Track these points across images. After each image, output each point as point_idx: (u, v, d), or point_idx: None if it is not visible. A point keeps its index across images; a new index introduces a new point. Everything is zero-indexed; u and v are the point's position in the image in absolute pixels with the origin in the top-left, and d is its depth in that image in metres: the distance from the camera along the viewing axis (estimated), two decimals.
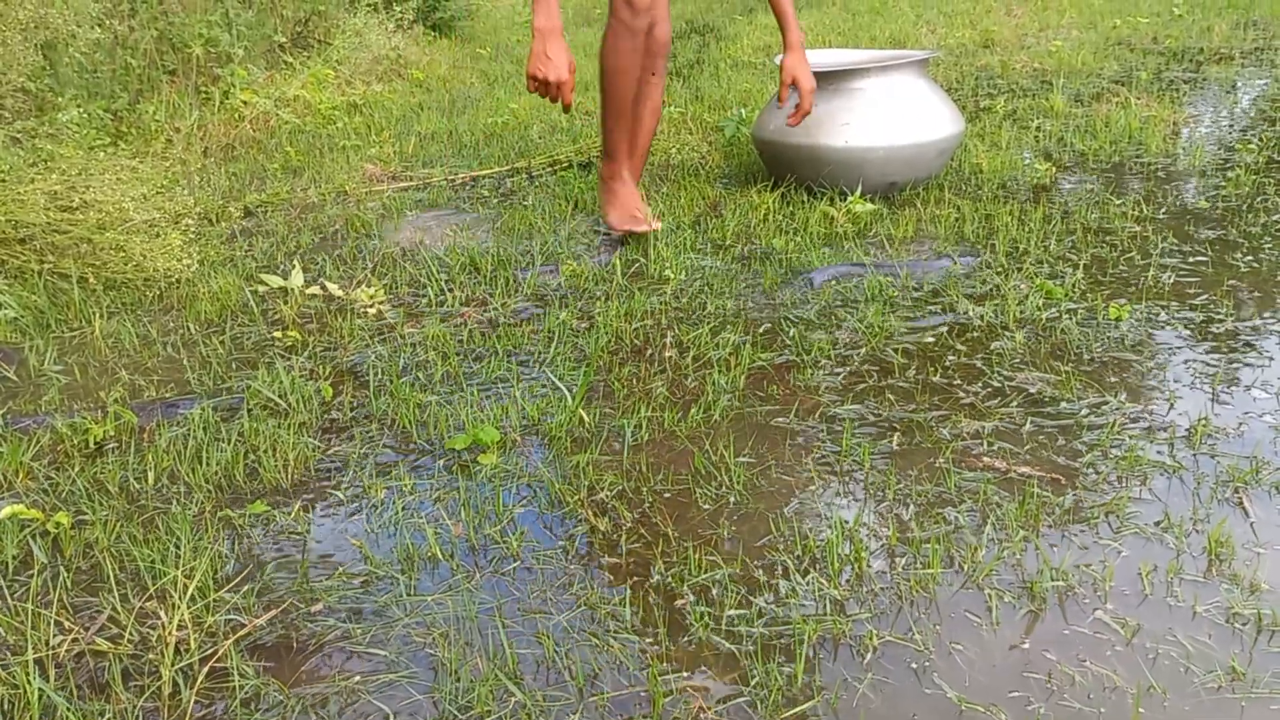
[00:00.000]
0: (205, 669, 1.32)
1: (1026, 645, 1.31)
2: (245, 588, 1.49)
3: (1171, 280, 2.39)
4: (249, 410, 1.98)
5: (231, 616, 1.43)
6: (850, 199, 2.88)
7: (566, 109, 2.54)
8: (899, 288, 2.41)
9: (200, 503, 1.71)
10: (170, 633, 1.36)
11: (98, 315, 2.45)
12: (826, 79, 3.00)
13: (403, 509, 1.67)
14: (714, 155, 3.69)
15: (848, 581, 1.44)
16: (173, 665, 1.32)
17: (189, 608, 1.42)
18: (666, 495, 1.68)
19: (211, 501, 1.72)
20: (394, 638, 1.38)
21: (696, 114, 4.29)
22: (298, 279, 2.52)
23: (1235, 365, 1.98)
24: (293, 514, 1.67)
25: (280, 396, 2.01)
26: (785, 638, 1.34)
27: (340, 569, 1.53)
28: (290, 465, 1.81)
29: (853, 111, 2.96)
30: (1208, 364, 2.00)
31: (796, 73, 2.81)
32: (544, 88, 2.46)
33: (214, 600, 1.45)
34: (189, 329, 2.40)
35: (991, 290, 2.37)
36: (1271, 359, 2.00)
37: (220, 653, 1.35)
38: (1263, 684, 1.22)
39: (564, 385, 2.01)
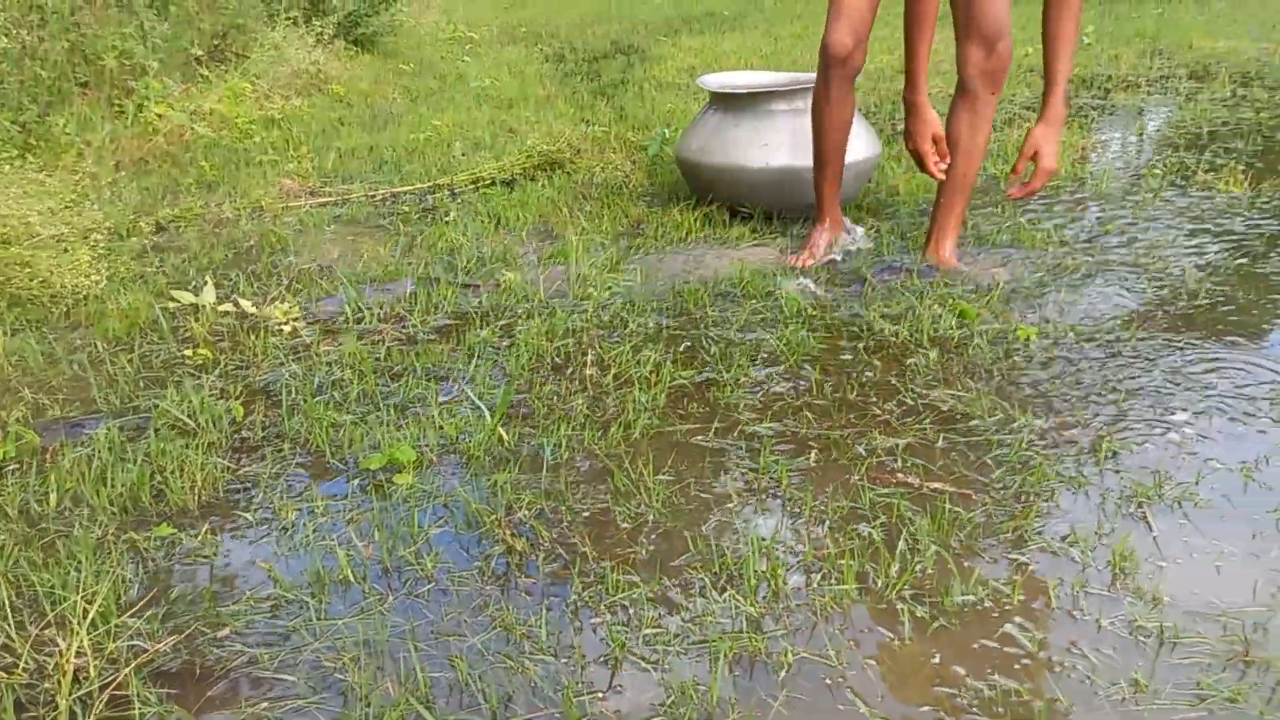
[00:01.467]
0: (105, 696, 1.28)
1: (937, 659, 1.32)
2: (149, 613, 1.44)
3: (1080, 301, 2.45)
4: (156, 430, 1.92)
5: (134, 642, 1.38)
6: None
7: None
8: (817, 307, 2.44)
9: (104, 525, 1.66)
10: (68, 660, 1.31)
11: (0, 332, 2.37)
12: (746, 100, 3.03)
13: (314, 531, 1.63)
14: (637, 174, 3.70)
15: (764, 598, 1.45)
16: (70, 694, 1.27)
17: (89, 634, 1.37)
18: (585, 514, 1.67)
19: (115, 524, 1.66)
20: (303, 663, 1.35)
21: (620, 133, 4.31)
22: (209, 296, 2.47)
23: (1139, 384, 2.04)
24: (200, 536, 1.63)
25: (189, 416, 1.96)
26: (702, 656, 1.34)
27: (248, 593, 1.49)
28: (198, 486, 1.76)
29: (774, 132, 3.00)
30: (1113, 383, 2.05)
31: (1041, 147, 2.54)
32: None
33: (116, 626, 1.41)
34: (96, 347, 2.33)
35: (907, 310, 2.41)
36: (1176, 379, 2.06)
37: (121, 680, 1.30)
38: (1164, 695, 1.25)
39: (483, 404, 1.99)
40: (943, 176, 2.63)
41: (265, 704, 1.28)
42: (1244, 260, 2.70)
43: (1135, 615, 1.39)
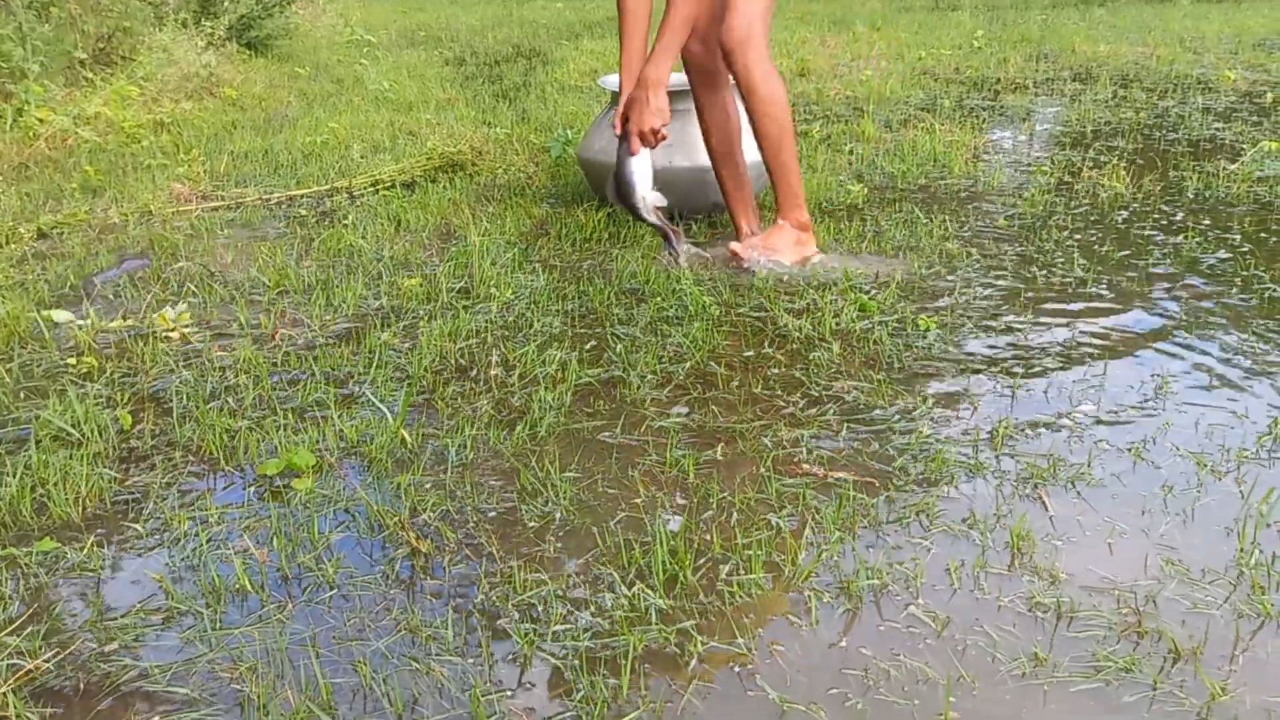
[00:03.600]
0: None
1: (844, 643, 1.33)
2: (30, 629, 1.37)
3: (975, 293, 2.51)
4: (37, 442, 1.83)
5: (14, 660, 1.31)
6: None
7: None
8: (721, 304, 2.45)
9: None
10: None
11: None
12: None
13: (208, 540, 1.57)
14: (540, 176, 3.68)
15: (673, 591, 1.44)
16: None
17: None
18: (491, 514, 1.64)
19: None
20: (197, 674, 1.29)
21: (523, 135, 4.28)
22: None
23: (1034, 371, 2.10)
24: (85, 550, 1.55)
25: (73, 426, 1.87)
26: (611, 650, 1.33)
27: (138, 606, 1.43)
28: (83, 498, 1.68)
29: (675, 133, 3.00)
30: (1009, 370, 2.10)
31: (630, 107, 2.60)
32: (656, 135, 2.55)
33: None
34: None
35: (809, 304, 2.44)
36: (1066, 365, 2.12)
37: None
38: (1063, 668, 1.28)
39: (385, 406, 1.95)
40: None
41: (157, 718, 1.22)
42: (1127, 252, 2.80)
43: (1034, 592, 1.42)
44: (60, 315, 2.36)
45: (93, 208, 3.29)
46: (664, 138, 2.60)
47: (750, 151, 2.87)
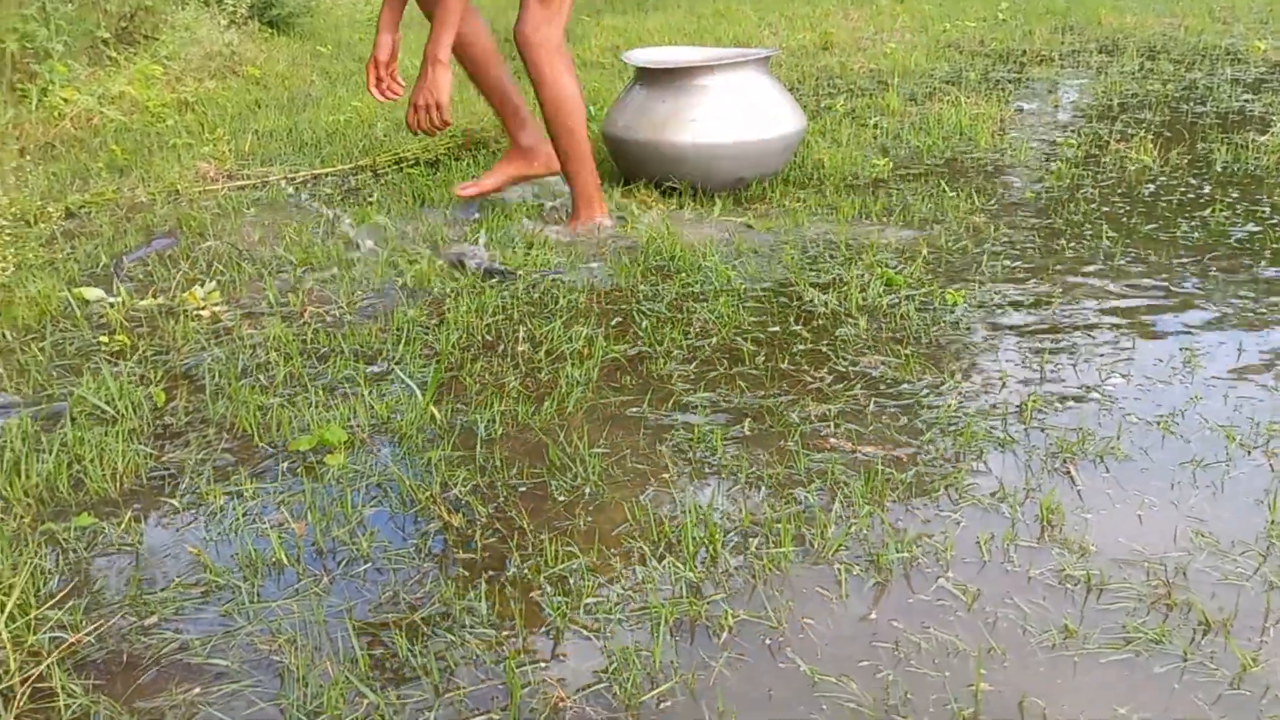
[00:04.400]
0: (26, 690, 1.23)
1: (874, 616, 1.34)
2: (71, 604, 1.40)
3: (1003, 266, 2.50)
4: (73, 418, 1.86)
5: (56, 634, 1.33)
6: None
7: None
8: (746, 280, 2.45)
9: (19, 517, 1.60)
10: None
11: None
12: (673, 76, 3.03)
13: (244, 514, 1.59)
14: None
15: (703, 564, 1.45)
16: None
17: (7, 627, 1.32)
18: (521, 489, 1.66)
19: (31, 515, 1.61)
20: (236, 647, 1.32)
21: None
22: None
23: (1062, 344, 2.09)
24: (123, 525, 1.58)
25: (107, 403, 1.90)
26: (642, 623, 1.34)
27: (176, 579, 1.45)
28: (119, 474, 1.71)
29: (699, 108, 3.00)
30: (1037, 344, 2.10)
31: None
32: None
33: (36, 618, 1.36)
34: (5, 336, 2.25)
35: (835, 279, 2.44)
36: (1094, 337, 2.12)
37: (44, 672, 1.26)
38: (1093, 640, 1.29)
39: (414, 382, 1.96)
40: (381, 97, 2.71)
41: (198, 689, 1.25)
42: (1155, 225, 2.78)
43: (1063, 565, 1.42)
44: (91, 293, 2.39)
45: (120, 187, 3.31)
46: (447, 121, 2.58)
47: (773, 128, 2.88)
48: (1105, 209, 2.93)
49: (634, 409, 1.89)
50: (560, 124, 2.78)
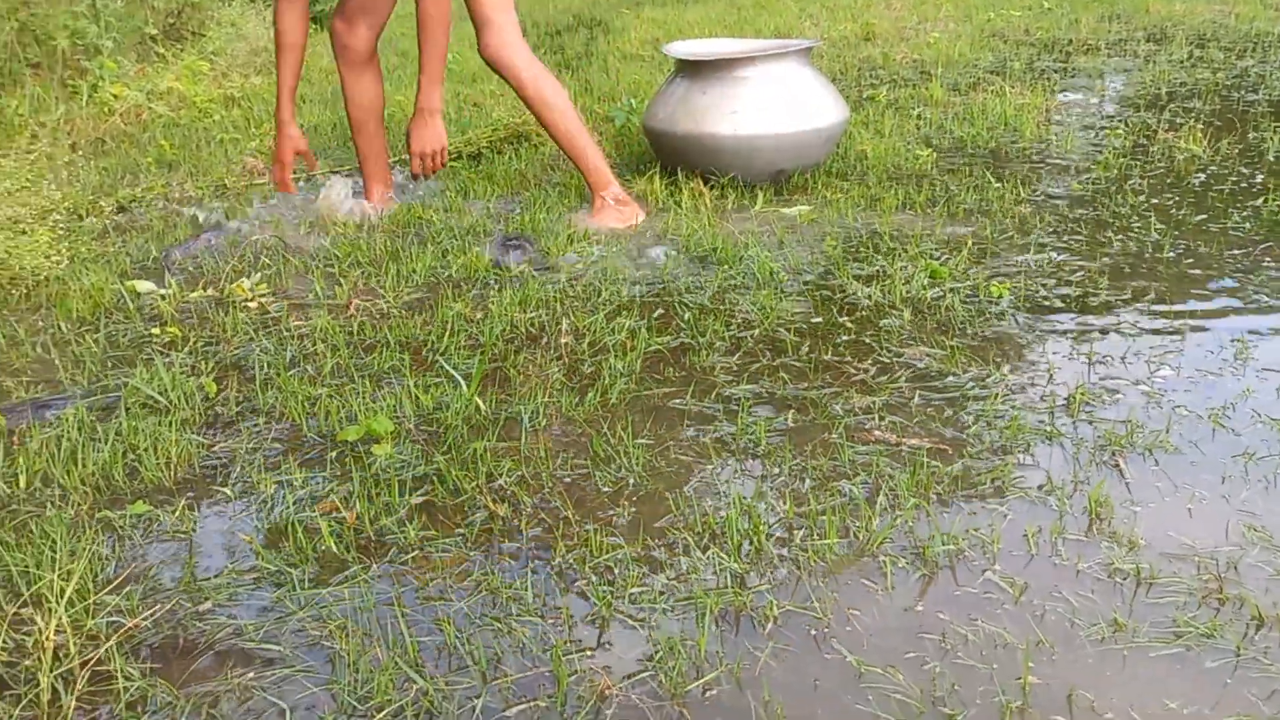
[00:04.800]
0: (86, 673, 1.26)
1: (920, 608, 1.34)
2: (127, 589, 1.43)
3: (1049, 258, 2.48)
4: (127, 409, 1.90)
5: (114, 619, 1.37)
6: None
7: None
8: (788, 270, 2.45)
9: (76, 505, 1.64)
10: (48, 638, 1.30)
11: None
12: (714, 68, 3.02)
13: (294, 503, 1.62)
14: (604, 145, 3.68)
15: (747, 555, 1.46)
16: (51, 671, 1.26)
17: (67, 611, 1.35)
18: (566, 479, 1.67)
19: (88, 503, 1.64)
20: (288, 632, 1.34)
21: (586, 105, 4.28)
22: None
23: (1109, 337, 2.07)
24: (177, 513, 1.61)
25: (160, 393, 1.93)
26: (687, 612, 1.35)
27: (229, 566, 1.48)
28: (173, 463, 1.74)
29: (740, 99, 2.99)
30: (1084, 336, 2.08)
31: (411, 133, 2.77)
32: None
33: (94, 603, 1.39)
34: (60, 328, 2.29)
35: (879, 271, 2.43)
36: (1142, 330, 2.09)
37: (102, 656, 1.29)
38: (1143, 634, 1.28)
39: (458, 374, 1.98)
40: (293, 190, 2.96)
41: (251, 674, 1.27)
42: (1205, 216, 2.73)
43: (1112, 558, 1.41)
44: (143, 286, 2.43)
45: (169, 181, 3.36)
46: (443, 162, 2.79)
47: (814, 119, 2.87)
48: (1154, 200, 2.89)
49: (677, 400, 1.89)
50: (554, 110, 2.86)
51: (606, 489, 1.63)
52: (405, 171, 3.21)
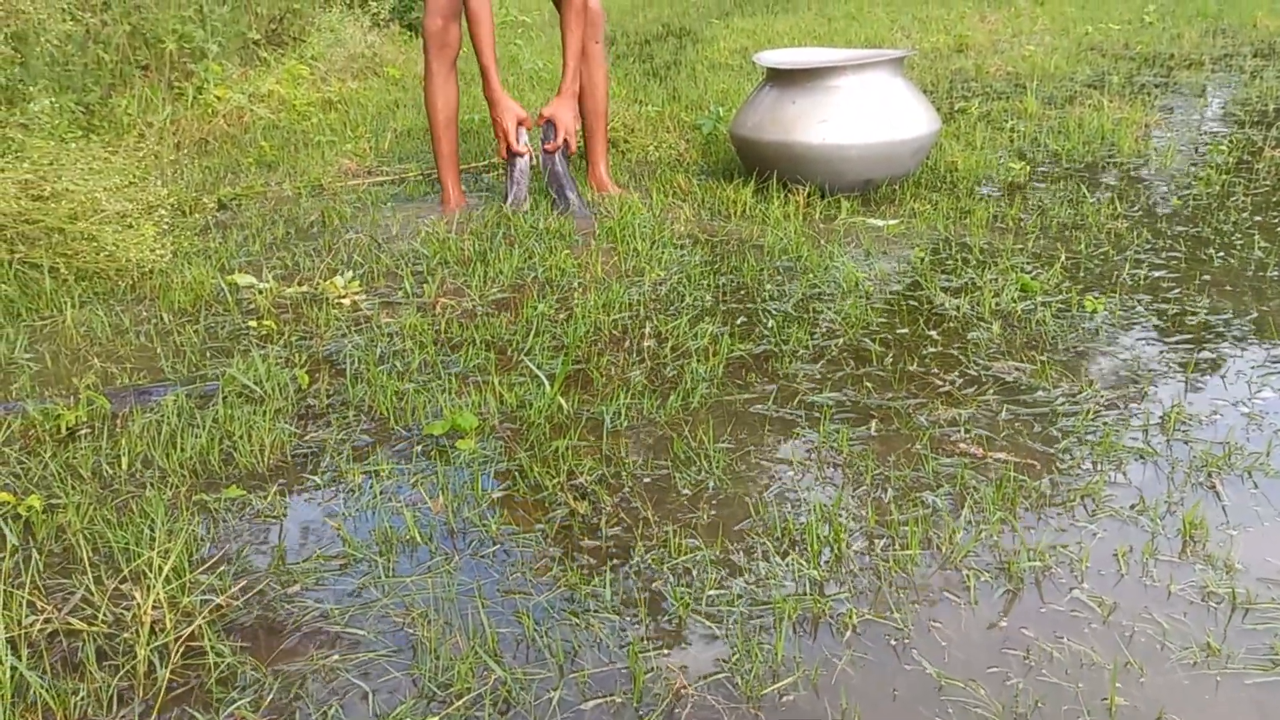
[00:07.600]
0: (180, 647, 1.31)
1: (1004, 623, 1.32)
2: (221, 569, 1.47)
3: (1145, 275, 2.41)
4: (224, 397, 1.96)
5: (207, 597, 1.41)
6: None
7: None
8: (874, 280, 2.43)
9: (174, 487, 1.69)
10: (145, 612, 1.34)
11: (69, 304, 2.42)
12: (803, 77, 3.02)
13: (380, 493, 1.65)
14: (691, 153, 3.70)
15: (827, 563, 1.45)
16: (148, 644, 1.30)
17: (164, 588, 1.40)
18: (646, 480, 1.67)
19: (186, 486, 1.70)
20: (372, 618, 1.37)
21: (674, 113, 4.30)
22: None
23: (1207, 355, 2.01)
24: (269, 498, 1.66)
25: (256, 384, 1.99)
26: (765, 617, 1.34)
27: (318, 552, 1.52)
28: (266, 451, 1.79)
29: (829, 109, 2.98)
30: (1181, 354, 2.02)
31: (554, 114, 3.09)
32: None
33: (189, 581, 1.44)
34: (162, 318, 2.38)
35: (968, 283, 2.39)
36: (1243, 349, 2.02)
37: (195, 632, 1.33)
38: (1237, 659, 1.24)
39: (542, 373, 2.00)
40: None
41: (337, 656, 1.30)
42: None
43: (1206, 581, 1.37)
44: (243, 280, 2.51)
45: (268, 181, 3.47)
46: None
47: (904, 130, 2.85)
48: (1258, 218, 2.79)
49: (758, 406, 1.89)
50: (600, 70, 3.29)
51: (686, 491, 1.64)
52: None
